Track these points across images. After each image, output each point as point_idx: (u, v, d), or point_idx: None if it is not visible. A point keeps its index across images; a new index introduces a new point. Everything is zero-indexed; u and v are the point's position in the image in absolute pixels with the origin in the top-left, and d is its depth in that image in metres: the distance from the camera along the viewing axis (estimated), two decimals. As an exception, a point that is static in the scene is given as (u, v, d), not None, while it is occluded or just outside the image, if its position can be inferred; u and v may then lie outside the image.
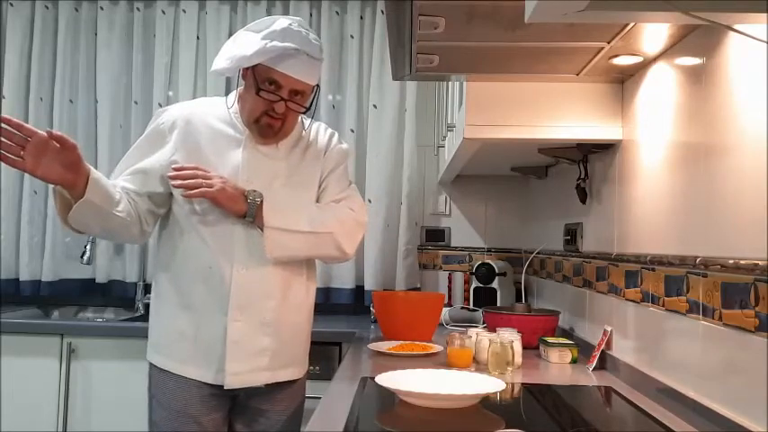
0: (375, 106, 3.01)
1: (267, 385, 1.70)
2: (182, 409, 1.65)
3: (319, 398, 1.46)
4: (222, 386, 1.65)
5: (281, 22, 1.62)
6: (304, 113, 1.72)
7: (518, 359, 1.84)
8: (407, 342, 2.12)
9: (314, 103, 1.71)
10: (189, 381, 1.65)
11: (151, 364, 1.72)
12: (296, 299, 1.74)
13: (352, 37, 3.06)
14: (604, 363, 1.80)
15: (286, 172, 1.73)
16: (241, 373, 1.65)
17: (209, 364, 1.65)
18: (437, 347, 2.04)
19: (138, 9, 3.13)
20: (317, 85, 1.70)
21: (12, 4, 3.13)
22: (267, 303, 1.68)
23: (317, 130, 1.84)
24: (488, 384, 1.41)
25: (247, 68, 1.64)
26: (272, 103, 1.63)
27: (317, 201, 1.78)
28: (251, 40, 1.61)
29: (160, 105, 3.06)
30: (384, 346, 2.07)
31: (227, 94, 3.00)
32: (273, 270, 1.68)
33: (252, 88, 1.64)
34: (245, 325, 1.65)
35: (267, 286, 1.68)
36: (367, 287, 2.97)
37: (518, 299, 2.73)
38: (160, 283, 1.73)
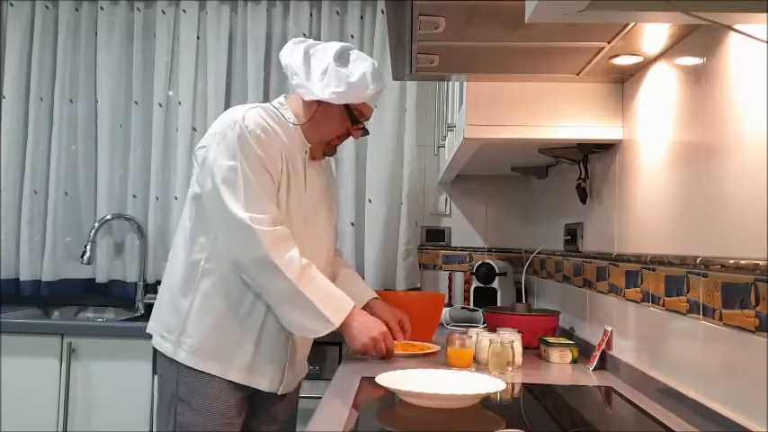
0: (375, 106, 3.00)
1: None
2: (219, 410, 1.64)
3: (319, 398, 1.46)
4: (247, 388, 1.67)
5: (373, 61, 1.76)
6: (362, 136, 1.88)
7: (518, 359, 1.84)
8: (404, 342, 2.12)
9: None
10: (229, 384, 1.65)
11: (187, 367, 1.65)
12: None
13: (352, 37, 3.05)
14: (605, 363, 1.80)
15: (325, 187, 1.86)
16: (291, 380, 1.74)
17: (269, 372, 1.68)
18: (435, 347, 2.04)
19: (138, 9, 3.12)
20: None
21: (12, 4, 3.13)
22: None
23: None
24: (488, 384, 1.41)
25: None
26: (354, 130, 1.77)
27: None
28: (353, 76, 1.69)
29: (160, 105, 3.06)
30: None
31: (227, 95, 3.05)
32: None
33: (338, 115, 1.73)
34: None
35: None
36: (367, 287, 2.97)
37: (518, 299, 2.73)
38: (211, 288, 1.66)
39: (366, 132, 1.84)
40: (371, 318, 1.72)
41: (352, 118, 1.73)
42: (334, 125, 1.74)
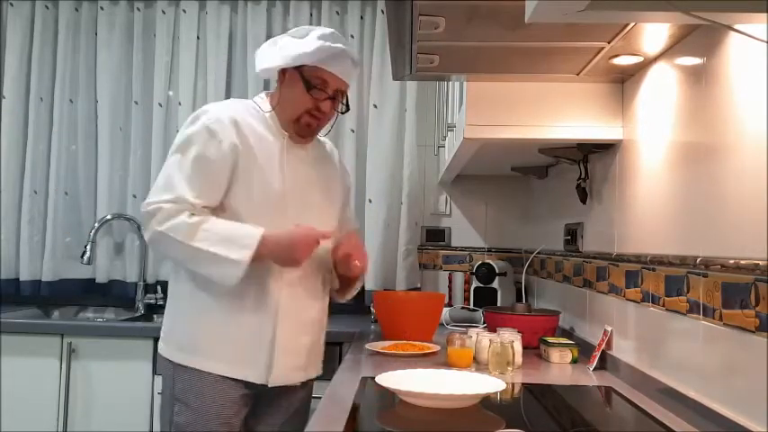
0: (375, 106, 3.01)
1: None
2: (214, 410, 1.63)
3: (319, 398, 1.46)
4: (252, 384, 1.66)
5: (326, 28, 1.72)
6: (344, 113, 1.79)
7: (518, 359, 1.84)
8: (402, 342, 2.12)
9: (349, 104, 1.80)
10: (226, 381, 1.63)
11: (178, 365, 1.66)
12: (326, 302, 1.83)
13: (352, 37, 3.05)
14: (605, 363, 1.80)
15: (316, 179, 1.79)
16: (285, 371, 1.69)
17: (254, 363, 1.65)
18: (435, 347, 2.04)
19: (138, 9, 3.12)
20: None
21: (12, 4, 3.13)
22: (313, 303, 1.75)
23: (327, 142, 1.92)
24: (488, 384, 1.41)
25: (286, 70, 1.70)
26: (318, 101, 1.69)
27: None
28: (302, 42, 1.67)
29: (160, 105, 3.06)
30: (379, 345, 2.07)
31: (227, 95, 3.05)
32: (318, 272, 1.75)
33: (297, 87, 1.69)
34: (291, 323, 1.69)
35: (313, 288, 1.75)
36: (367, 287, 2.96)
37: (518, 299, 2.73)
38: (192, 283, 1.67)
39: (346, 108, 1.77)
40: (283, 235, 1.60)
41: (307, 84, 1.67)
42: (297, 98, 1.69)
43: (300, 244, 1.61)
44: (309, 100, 1.68)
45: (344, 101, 1.77)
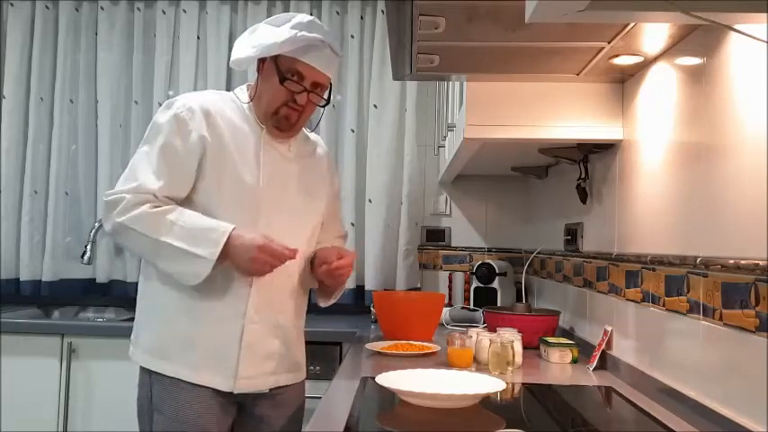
0: (375, 106, 3.02)
1: (271, 389, 1.66)
2: (191, 419, 1.57)
3: (319, 398, 1.46)
4: (231, 393, 1.60)
5: (304, 16, 1.64)
6: (323, 107, 1.70)
7: (518, 359, 1.84)
8: (402, 342, 2.12)
9: (331, 98, 1.71)
10: (200, 389, 1.57)
11: (151, 371, 1.62)
12: (303, 303, 1.77)
13: (352, 37, 3.06)
14: (605, 363, 1.80)
15: (297, 176, 1.71)
16: (251, 377, 1.61)
17: (222, 369, 1.58)
18: (435, 347, 2.04)
19: (138, 9, 3.13)
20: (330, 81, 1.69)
21: (12, 4, 3.13)
22: (284, 306, 1.67)
23: (320, 144, 1.85)
24: (488, 384, 1.41)
25: (265, 59, 1.63)
26: (294, 93, 1.61)
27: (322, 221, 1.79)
28: (277, 30, 1.60)
29: (160, 105, 3.05)
30: (379, 345, 2.07)
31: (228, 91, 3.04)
32: (292, 275, 1.68)
33: (273, 78, 1.61)
34: (260, 327, 1.62)
35: (286, 290, 1.67)
36: (367, 287, 2.97)
37: (518, 299, 2.73)
38: (160, 283, 1.63)
39: (326, 102, 1.67)
40: (248, 236, 1.50)
41: (281, 76, 1.59)
42: (272, 90, 1.61)
43: (259, 261, 1.50)
44: (285, 92, 1.60)
45: (327, 94, 1.67)
